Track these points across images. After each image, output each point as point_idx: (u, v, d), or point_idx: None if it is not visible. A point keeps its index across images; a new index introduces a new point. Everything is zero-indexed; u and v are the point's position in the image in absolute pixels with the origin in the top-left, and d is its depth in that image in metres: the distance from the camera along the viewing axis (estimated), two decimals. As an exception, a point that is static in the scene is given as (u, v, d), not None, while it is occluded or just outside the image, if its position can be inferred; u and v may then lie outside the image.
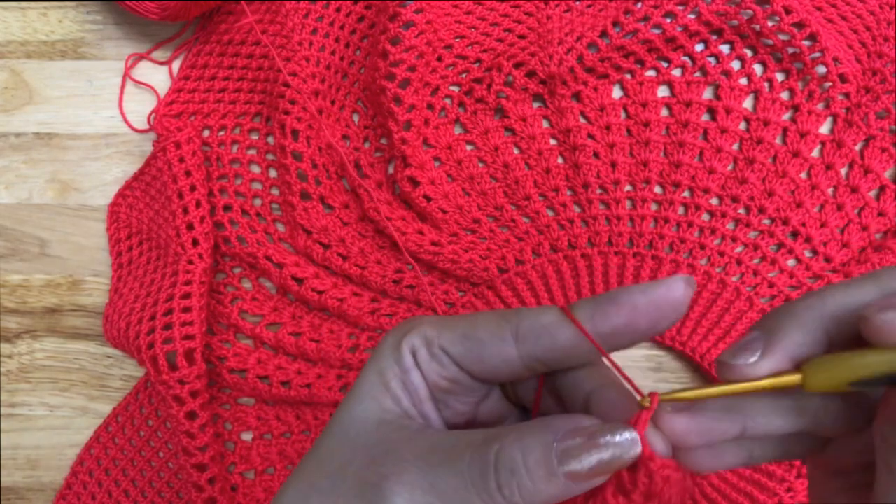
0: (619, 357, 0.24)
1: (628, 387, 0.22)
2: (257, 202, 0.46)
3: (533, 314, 0.22)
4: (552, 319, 0.21)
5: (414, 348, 0.23)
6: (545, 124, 0.45)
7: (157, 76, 0.48)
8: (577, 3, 0.45)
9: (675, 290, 0.20)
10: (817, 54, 0.42)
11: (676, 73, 0.44)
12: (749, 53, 0.43)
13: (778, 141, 0.43)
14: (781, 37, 0.42)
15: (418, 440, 0.21)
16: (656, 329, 0.21)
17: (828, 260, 0.42)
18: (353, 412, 0.23)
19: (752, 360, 0.19)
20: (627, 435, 0.19)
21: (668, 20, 0.43)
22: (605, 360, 0.22)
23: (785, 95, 0.43)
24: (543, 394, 0.24)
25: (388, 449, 0.21)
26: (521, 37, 0.45)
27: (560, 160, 0.44)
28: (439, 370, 0.23)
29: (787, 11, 0.41)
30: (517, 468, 0.19)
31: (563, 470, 0.19)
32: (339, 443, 0.22)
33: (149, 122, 0.47)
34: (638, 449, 0.19)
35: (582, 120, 0.44)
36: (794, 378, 0.19)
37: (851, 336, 0.19)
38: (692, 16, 0.43)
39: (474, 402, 0.24)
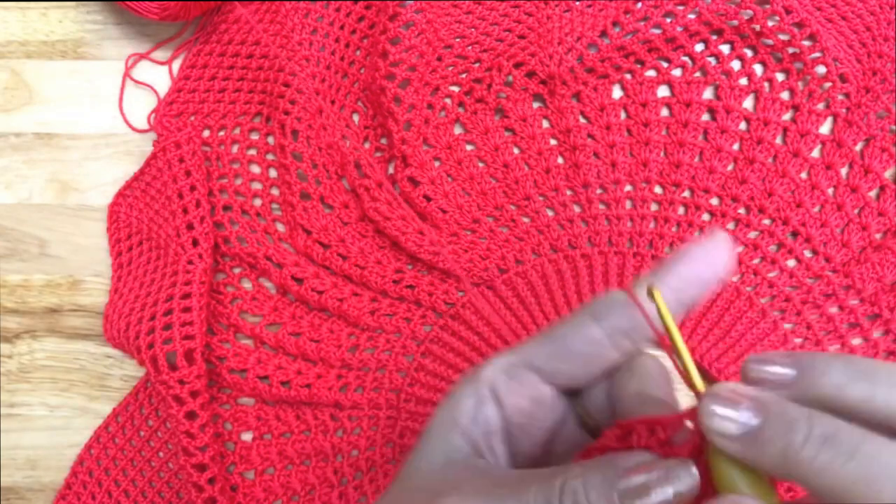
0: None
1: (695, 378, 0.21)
2: (257, 202, 0.46)
3: (604, 297, 0.23)
4: (623, 295, 0.22)
5: (492, 380, 0.23)
6: (545, 124, 0.45)
7: (157, 76, 0.48)
8: (577, 3, 0.45)
9: (724, 248, 0.22)
10: (817, 54, 0.42)
11: (676, 73, 0.44)
12: (749, 53, 0.43)
13: (778, 141, 0.43)
14: (781, 37, 0.42)
15: (484, 477, 0.21)
16: (713, 282, 0.22)
17: (827, 260, 0.42)
18: (422, 455, 0.23)
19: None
20: (687, 473, 0.19)
21: (668, 20, 0.43)
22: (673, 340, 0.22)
23: (785, 95, 0.43)
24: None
25: (453, 486, 0.21)
26: (521, 37, 0.45)
27: (560, 160, 0.44)
28: (520, 389, 0.23)
29: (787, 11, 0.41)
30: (580, 501, 0.19)
31: None
32: (407, 488, 0.22)
33: (149, 122, 0.47)
34: (693, 480, 0.19)
35: (582, 120, 0.44)
36: None
37: None
38: (692, 16, 0.43)
39: (551, 428, 0.24)
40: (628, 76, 0.44)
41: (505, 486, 0.21)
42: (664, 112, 0.44)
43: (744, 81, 0.43)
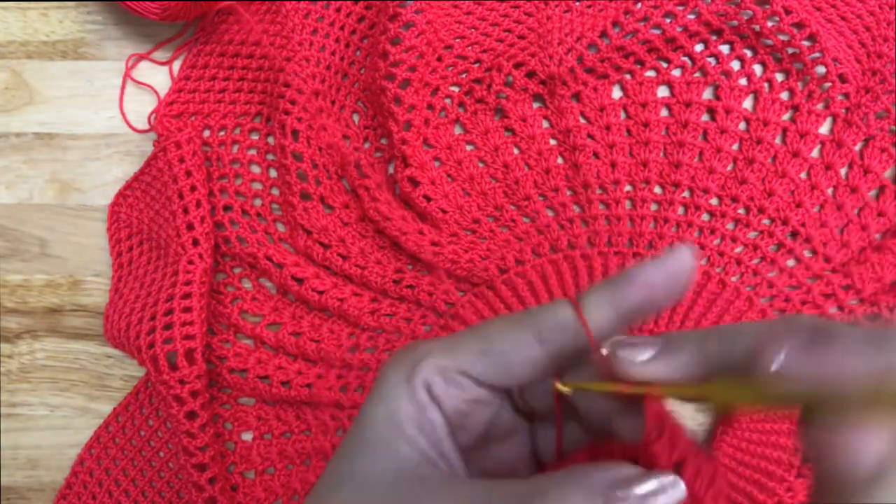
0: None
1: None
2: (257, 202, 0.46)
3: (549, 313, 0.22)
4: (570, 315, 0.22)
5: (428, 382, 0.21)
6: (545, 125, 0.45)
7: (158, 76, 0.48)
8: (577, 3, 0.45)
9: (685, 260, 0.22)
10: (817, 55, 0.42)
11: (676, 73, 0.44)
12: (749, 54, 0.43)
13: (777, 141, 0.43)
14: (781, 37, 0.42)
15: (447, 494, 0.20)
16: (671, 299, 0.22)
17: (827, 260, 0.42)
18: (367, 464, 0.21)
19: (643, 358, 0.20)
20: (669, 481, 0.18)
21: (668, 20, 0.43)
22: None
23: (784, 96, 0.43)
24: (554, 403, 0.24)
25: None
26: (521, 37, 0.45)
27: (560, 160, 0.44)
28: (458, 394, 0.22)
29: (787, 12, 0.41)
30: None
31: None
32: (354, 501, 0.21)
33: (149, 122, 0.47)
34: (682, 492, 0.18)
35: (582, 120, 0.44)
36: (700, 390, 0.20)
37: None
38: (692, 16, 0.43)
39: (488, 420, 0.23)
40: (628, 76, 0.44)
41: None
42: (664, 112, 0.44)
43: (743, 82, 0.43)
